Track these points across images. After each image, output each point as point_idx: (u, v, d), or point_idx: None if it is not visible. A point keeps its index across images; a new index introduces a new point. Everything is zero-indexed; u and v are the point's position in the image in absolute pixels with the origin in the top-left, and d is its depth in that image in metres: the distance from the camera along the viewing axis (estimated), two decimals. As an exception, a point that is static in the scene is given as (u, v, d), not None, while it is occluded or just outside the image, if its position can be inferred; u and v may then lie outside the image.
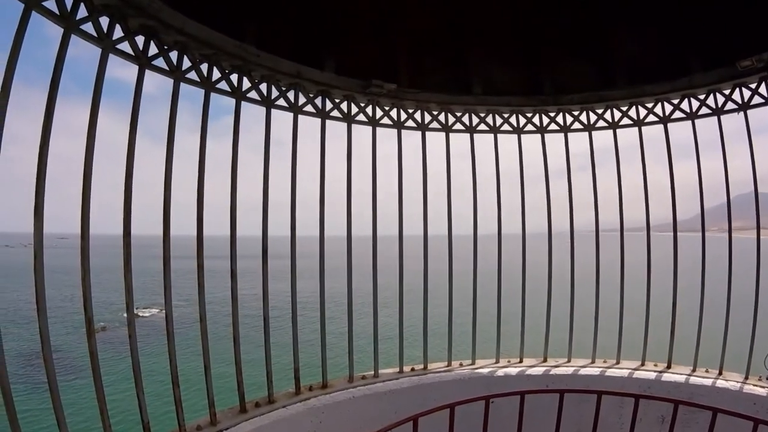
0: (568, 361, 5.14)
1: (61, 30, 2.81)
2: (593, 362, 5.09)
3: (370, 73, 4.40)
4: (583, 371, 4.91)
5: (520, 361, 5.16)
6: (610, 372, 4.86)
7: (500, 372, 4.88)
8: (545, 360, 5.16)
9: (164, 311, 3.42)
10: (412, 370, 4.86)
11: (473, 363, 5.09)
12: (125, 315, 3.21)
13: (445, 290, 5.02)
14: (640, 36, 4.83)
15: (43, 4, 2.67)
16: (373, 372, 4.68)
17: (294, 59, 4.04)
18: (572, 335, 5.15)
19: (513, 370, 4.91)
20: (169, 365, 3.39)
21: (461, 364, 5.06)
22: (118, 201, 3.11)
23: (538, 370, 4.93)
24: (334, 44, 4.38)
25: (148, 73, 3.30)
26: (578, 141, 5.30)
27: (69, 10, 2.80)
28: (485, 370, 4.90)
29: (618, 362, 5.05)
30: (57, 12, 2.75)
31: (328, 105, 4.42)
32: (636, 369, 4.88)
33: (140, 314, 32.17)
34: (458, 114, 5.08)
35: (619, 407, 3.86)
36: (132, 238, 3.13)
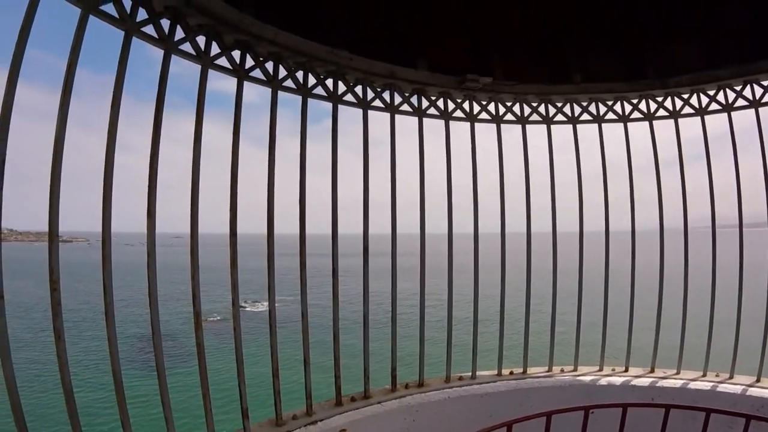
0: (677, 372, 4.68)
1: (162, 51, 3.00)
2: (704, 375, 4.60)
3: (464, 68, 4.29)
4: (692, 385, 4.45)
5: (626, 370, 4.78)
6: (721, 387, 4.38)
7: (603, 381, 4.56)
8: (652, 370, 4.73)
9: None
10: (511, 373, 4.70)
11: (575, 369, 4.81)
12: (232, 308, 3.44)
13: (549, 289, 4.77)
14: (748, 3, 4.29)
15: (142, 29, 2.85)
16: (470, 373, 4.59)
17: (387, 60, 4.06)
18: (683, 344, 4.67)
19: (617, 380, 4.57)
20: (270, 358, 3.58)
21: (562, 370, 4.80)
22: (224, 202, 3.30)
23: (644, 381, 4.54)
24: (427, 42, 4.33)
25: (247, 83, 3.46)
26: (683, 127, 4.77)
27: (167, 33, 2.97)
28: (587, 378, 4.61)
29: (731, 377, 4.52)
30: (156, 36, 2.93)
31: (424, 103, 4.40)
32: (750, 385, 4.34)
33: (252, 308, 34.77)
34: (559, 104, 4.80)
35: (729, 428, 3.38)
36: (239, 237, 3.34)
